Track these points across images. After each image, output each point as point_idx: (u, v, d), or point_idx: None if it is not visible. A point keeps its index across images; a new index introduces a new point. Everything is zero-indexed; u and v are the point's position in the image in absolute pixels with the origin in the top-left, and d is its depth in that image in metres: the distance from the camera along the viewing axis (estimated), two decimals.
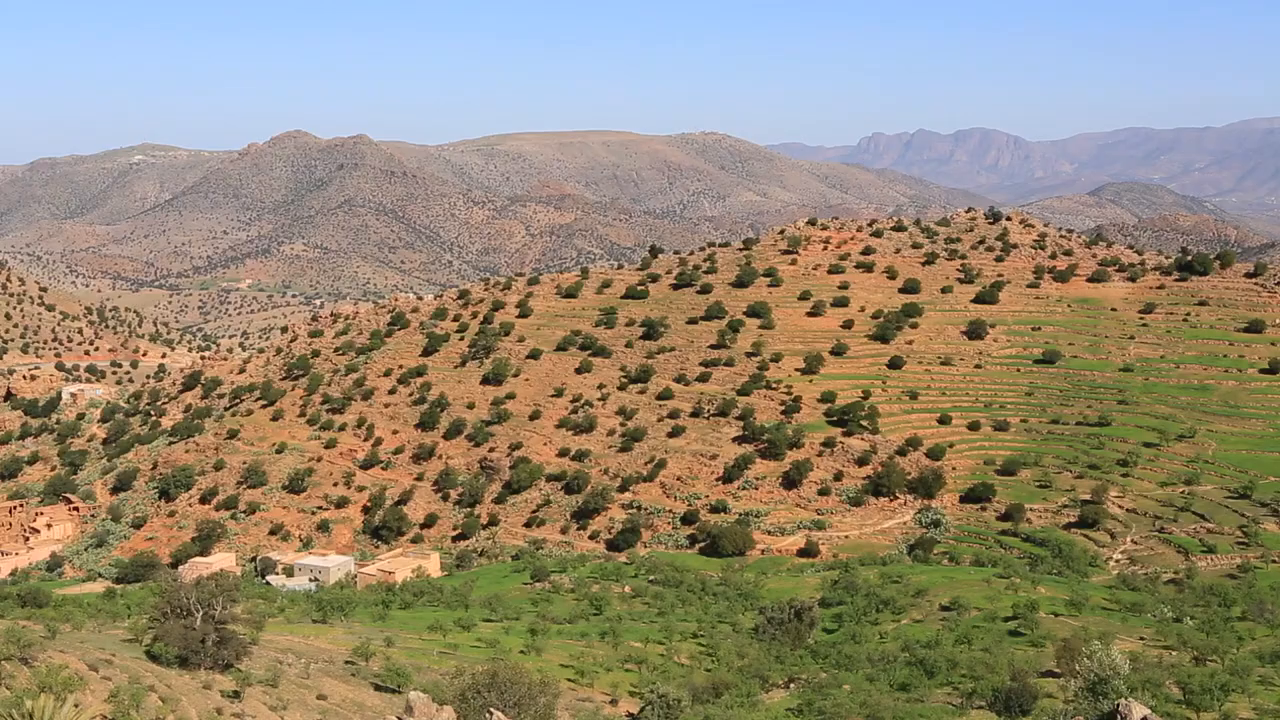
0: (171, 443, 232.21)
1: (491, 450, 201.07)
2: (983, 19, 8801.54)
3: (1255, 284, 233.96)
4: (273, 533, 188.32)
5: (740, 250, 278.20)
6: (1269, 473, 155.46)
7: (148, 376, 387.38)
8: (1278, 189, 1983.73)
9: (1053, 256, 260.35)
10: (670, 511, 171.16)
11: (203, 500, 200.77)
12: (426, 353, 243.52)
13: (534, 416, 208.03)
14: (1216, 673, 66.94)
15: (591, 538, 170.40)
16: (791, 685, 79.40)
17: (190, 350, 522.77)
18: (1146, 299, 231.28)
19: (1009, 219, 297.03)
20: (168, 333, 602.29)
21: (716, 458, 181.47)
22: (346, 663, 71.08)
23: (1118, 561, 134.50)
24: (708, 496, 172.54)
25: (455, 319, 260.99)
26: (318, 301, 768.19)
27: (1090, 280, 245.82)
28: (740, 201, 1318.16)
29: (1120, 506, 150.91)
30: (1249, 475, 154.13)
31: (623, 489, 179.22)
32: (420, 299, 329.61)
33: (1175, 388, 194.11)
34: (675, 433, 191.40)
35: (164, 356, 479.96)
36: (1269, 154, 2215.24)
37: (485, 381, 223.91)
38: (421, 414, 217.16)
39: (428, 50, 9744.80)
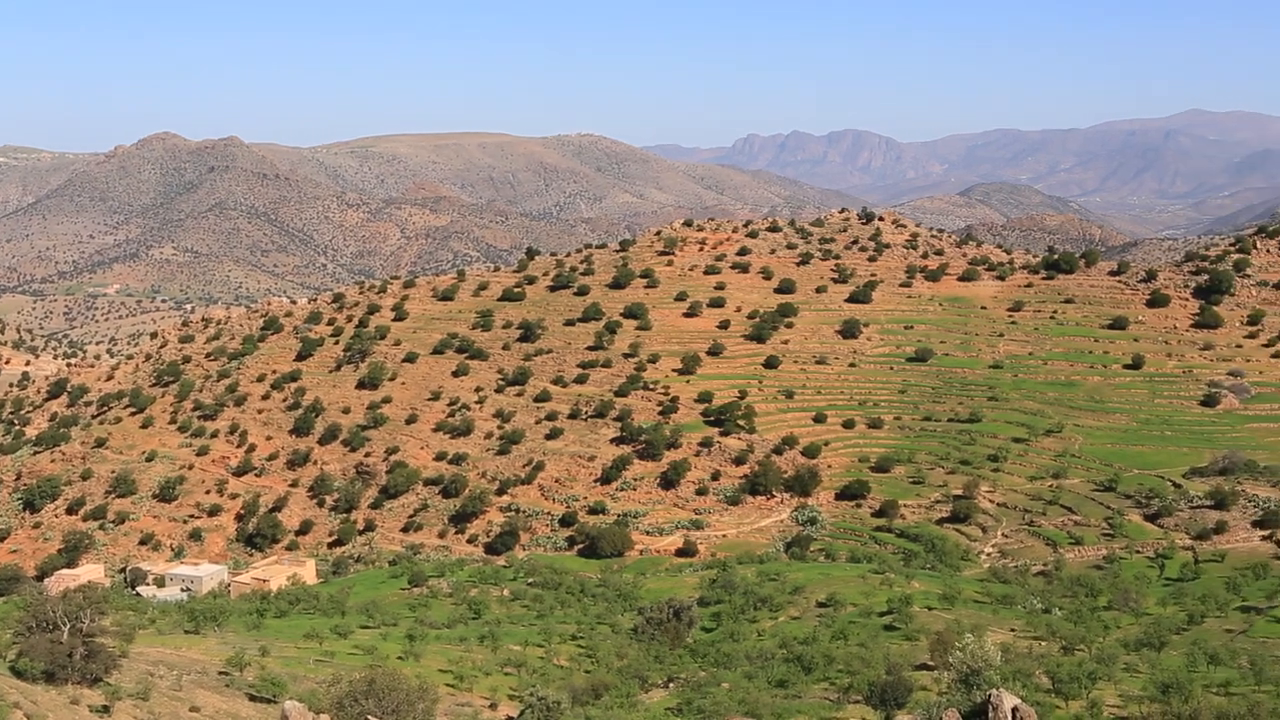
0: (36, 452, 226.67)
1: (368, 455, 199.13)
2: (854, 20, 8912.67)
3: (1119, 282, 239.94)
4: (143, 543, 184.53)
5: (617, 252, 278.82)
6: (1133, 465, 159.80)
7: (11, 384, 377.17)
8: (1139, 189, 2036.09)
9: (924, 256, 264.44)
10: (549, 513, 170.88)
11: (69, 510, 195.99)
12: (301, 357, 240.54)
13: (411, 420, 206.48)
14: (1084, 661, 68.50)
15: (470, 541, 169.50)
16: (671, 685, 79.68)
17: (56, 357, 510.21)
18: (1015, 297, 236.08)
19: (881, 219, 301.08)
20: (32, 339, 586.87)
21: (594, 459, 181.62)
22: (220, 673, 69.93)
23: (989, 555, 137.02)
24: (586, 498, 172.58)
25: (330, 323, 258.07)
26: (188, 306, 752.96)
27: (961, 279, 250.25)
28: (617, 203, 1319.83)
29: (991, 501, 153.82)
30: (1114, 468, 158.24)
31: (501, 492, 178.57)
32: (294, 303, 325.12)
33: (1043, 384, 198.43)
34: (553, 434, 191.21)
35: (28, 364, 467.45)
36: (1131, 155, 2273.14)
37: (361, 385, 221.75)
38: (296, 419, 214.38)
39: (299, 50, 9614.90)
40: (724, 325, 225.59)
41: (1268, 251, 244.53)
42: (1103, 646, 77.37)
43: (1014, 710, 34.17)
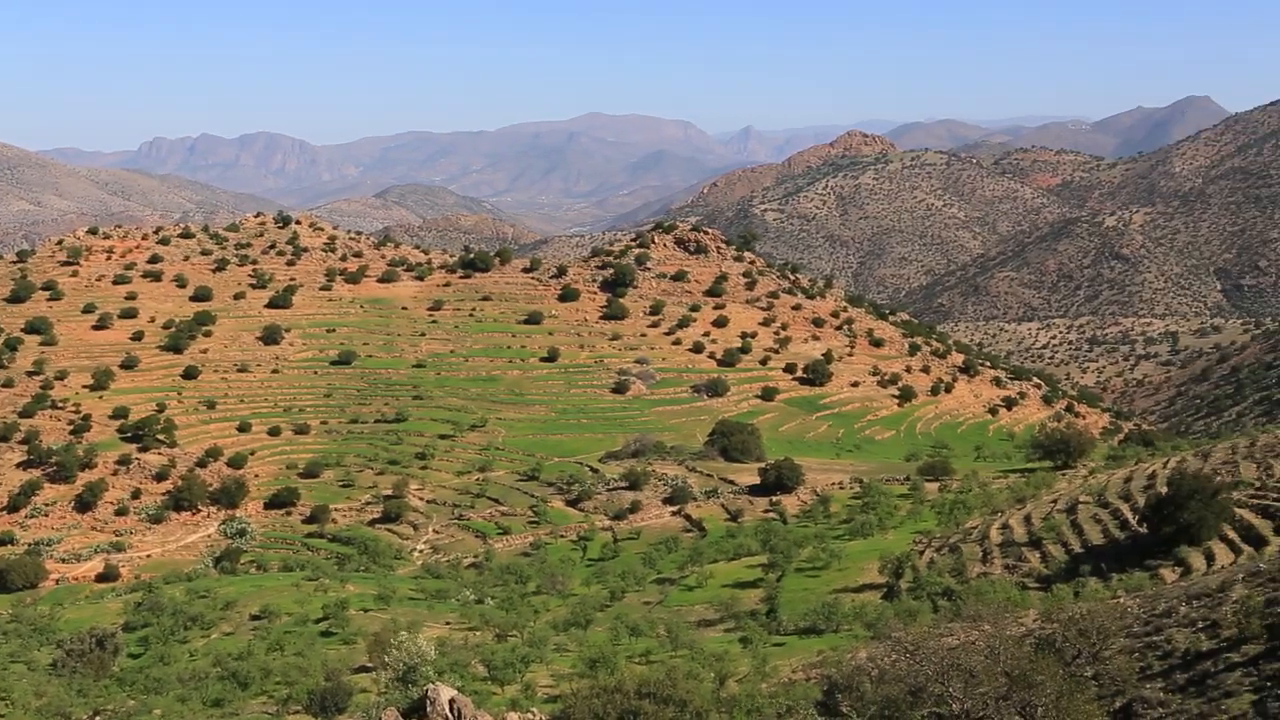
0: None
1: None
2: (261, 22, 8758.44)
3: (532, 278, 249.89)
4: None
5: (15, 264, 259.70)
6: (553, 454, 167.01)
7: None
8: (548, 189, 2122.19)
9: (344, 259, 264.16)
10: None
11: None
12: None
13: None
14: (517, 646, 70.72)
15: None
16: (98, 718, 75.48)
17: None
18: (435, 296, 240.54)
19: (299, 223, 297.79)
20: None
21: None
22: None
23: (422, 552, 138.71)
24: None
25: None
26: None
27: (381, 281, 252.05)
28: (11, 211, 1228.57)
29: (421, 499, 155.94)
30: (536, 458, 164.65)
31: None
32: None
33: (466, 380, 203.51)
34: None
35: None
36: (537, 156, 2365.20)
37: None
38: None
39: None
40: (138, 336, 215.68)
41: (664, 246, 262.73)
42: (534, 630, 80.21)
43: (451, 701, 34.69)
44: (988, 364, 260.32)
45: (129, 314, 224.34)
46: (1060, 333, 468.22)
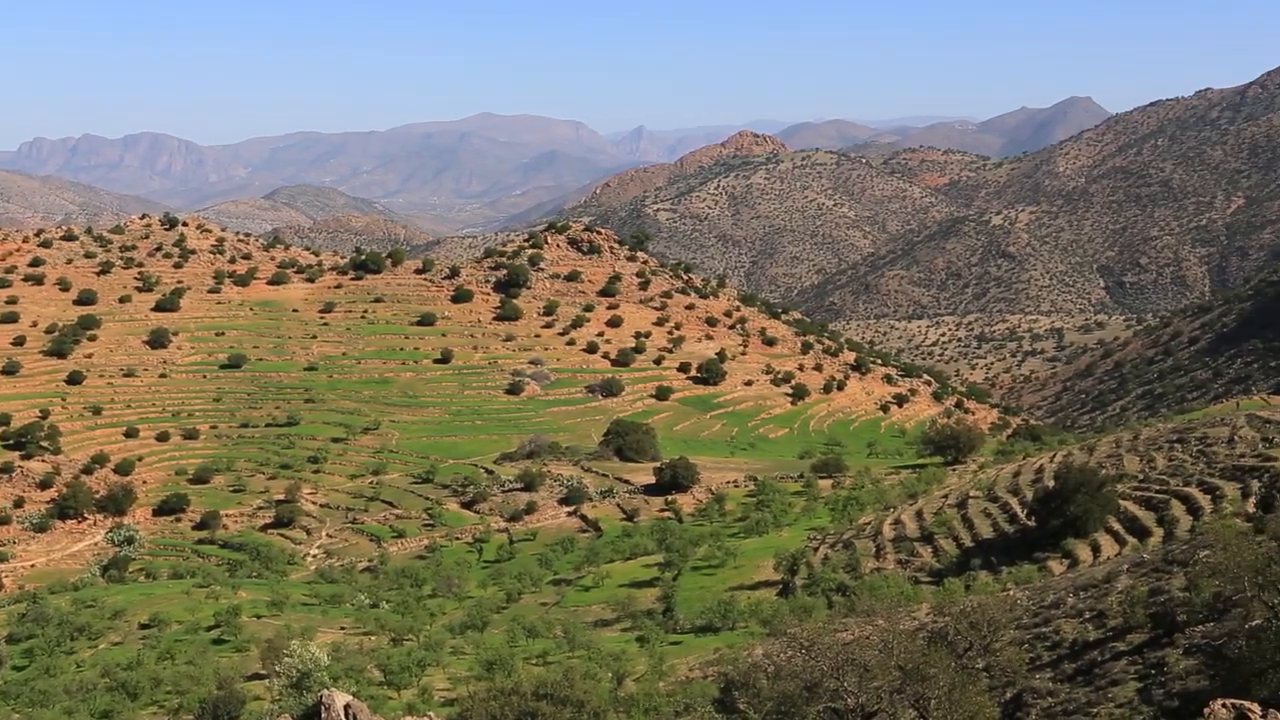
0: None
1: None
2: (145, 21, 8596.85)
3: (425, 279, 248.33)
4: None
5: None
6: (448, 456, 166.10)
7: None
8: (439, 189, 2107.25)
9: (232, 261, 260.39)
10: None
11: None
12: None
13: None
14: (413, 650, 70.27)
15: None
16: None
17: None
18: (326, 298, 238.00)
19: (186, 224, 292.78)
20: None
21: None
22: None
23: (315, 556, 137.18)
24: None
25: None
26: None
27: (270, 283, 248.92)
28: None
29: (314, 503, 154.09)
30: (430, 460, 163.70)
31: None
32: None
33: (358, 382, 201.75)
34: None
35: None
36: (429, 157, 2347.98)
37: None
38: None
39: None
40: (19, 341, 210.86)
41: (558, 246, 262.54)
42: (430, 634, 79.71)
43: (346, 707, 34.38)
44: (879, 362, 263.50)
45: (10, 319, 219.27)
46: (949, 330, 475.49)
